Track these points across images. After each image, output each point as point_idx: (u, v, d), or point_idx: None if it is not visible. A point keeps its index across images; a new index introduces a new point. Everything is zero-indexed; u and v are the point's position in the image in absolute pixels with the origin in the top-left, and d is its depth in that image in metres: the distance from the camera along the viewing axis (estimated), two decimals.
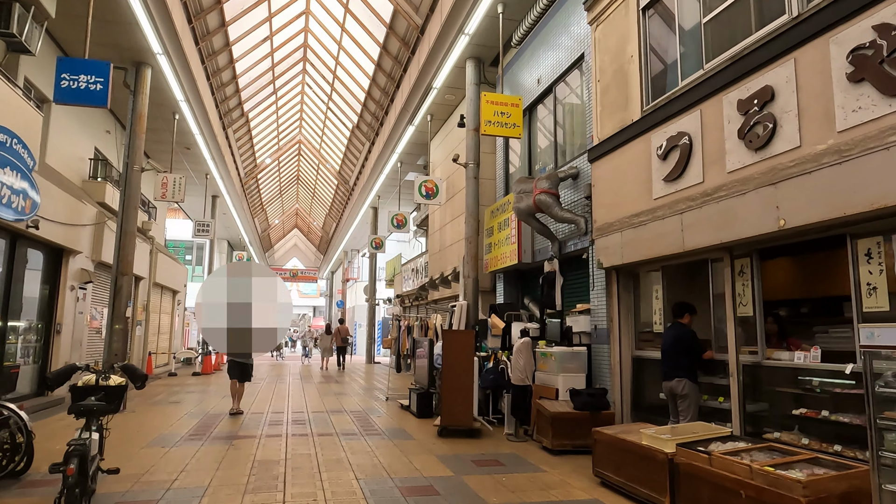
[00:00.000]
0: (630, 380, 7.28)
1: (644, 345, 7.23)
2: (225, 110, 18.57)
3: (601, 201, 7.50)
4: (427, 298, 17.14)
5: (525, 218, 8.88)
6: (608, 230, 7.26)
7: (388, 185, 21.48)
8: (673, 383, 5.85)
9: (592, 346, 7.83)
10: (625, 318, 7.41)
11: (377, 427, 8.29)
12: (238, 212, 27.26)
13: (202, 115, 15.93)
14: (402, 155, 18.28)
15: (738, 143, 5.20)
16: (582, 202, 8.35)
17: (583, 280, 8.81)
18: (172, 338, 20.90)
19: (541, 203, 8.33)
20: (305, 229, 48.32)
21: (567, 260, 9.07)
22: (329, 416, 9.20)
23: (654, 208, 6.36)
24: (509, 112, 9.75)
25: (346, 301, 39.55)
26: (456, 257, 14.00)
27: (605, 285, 7.62)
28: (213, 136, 17.54)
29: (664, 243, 6.16)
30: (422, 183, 14.18)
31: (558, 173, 8.57)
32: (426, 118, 15.25)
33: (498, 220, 10.97)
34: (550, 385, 7.57)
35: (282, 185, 33.81)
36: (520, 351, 7.58)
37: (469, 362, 7.73)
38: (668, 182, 6.15)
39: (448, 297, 14.29)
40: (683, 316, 6.03)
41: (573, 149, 9.13)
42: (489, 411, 8.75)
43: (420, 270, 18.18)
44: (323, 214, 38.32)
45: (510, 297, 11.45)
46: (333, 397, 11.83)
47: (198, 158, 18.73)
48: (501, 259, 10.63)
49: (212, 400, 11.10)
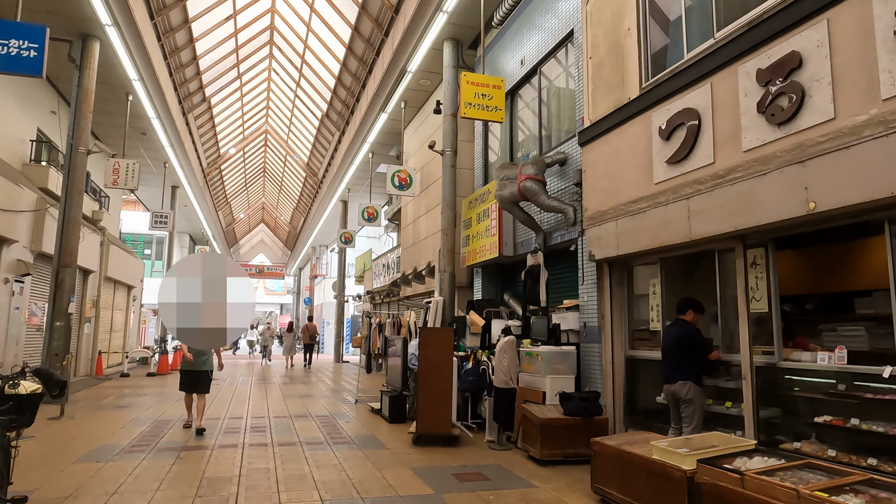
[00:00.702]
0: (623, 382, 6.70)
1: (639, 344, 6.66)
2: (184, 94, 17.47)
3: (593, 188, 6.89)
4: (399, 295, 16.39)
5: (508, 207, 8.23)
6: (601, 219, 6.66)
7: (359, 178, 20.65)
8: (676, 387, 5.27)
9: (581, 346, 7.23)
10: (618, 316, 6.83)
11: (346, 434, 7.54)
12: (200, 204, 26.01)
13: (158, 97, 14.85)
14: (373, 145, 17.48)
15: (757, 118, 4.62)
16: (570, 190, 7.74)
17: (570, 274, 8.22)
18: (127, 336, 19.66)
19: (526, 190, 7.69)
20: (272, 224, 46.95)
21: (553, 253, 8.46)
22: (292, 422, 8.40)
23: (655, 194, 5.77)
24: (491, 94, 9.08)
25: (314, 298, 38.45)
26: (430, 251, 13.30)
27: (595, 279, 7.03)
28: (172, 121, 16.44)
29: (667, 232, 5.57)
30: (395, 173, 13.43)
31: (545, 159, 7.94)
32: (400, 105, 14.49)
33: (477, 210, 10.30)
34: (536, 388, 6.93)
35: (247, 177, 32.56)
36: (503, 350, 6.93)
37: (448, 363, 7.05)
38: (672, 164, 5.57)
39: (422, 294, 13.59)
40: (687, 313, 5.46)
41: (560, 134, 8.52)
42: (468, 416, 8.09)
43: (392, 266, 17.42)
44: (290, 209, 37.16)
45: (489, 292, 10.80)
46: (298, 400, 11.00)
47: (155, 145, 17.58)
48: (480, 252, 9.97)
49: (164, 404, 10.16)
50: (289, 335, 19.78)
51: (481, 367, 7.64)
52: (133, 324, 20.73)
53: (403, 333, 10.75)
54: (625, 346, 6.75)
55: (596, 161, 6.88)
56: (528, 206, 8.63)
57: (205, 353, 7.62)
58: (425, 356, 7.07)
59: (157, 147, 17.71)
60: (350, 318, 29.56)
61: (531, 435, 6.30)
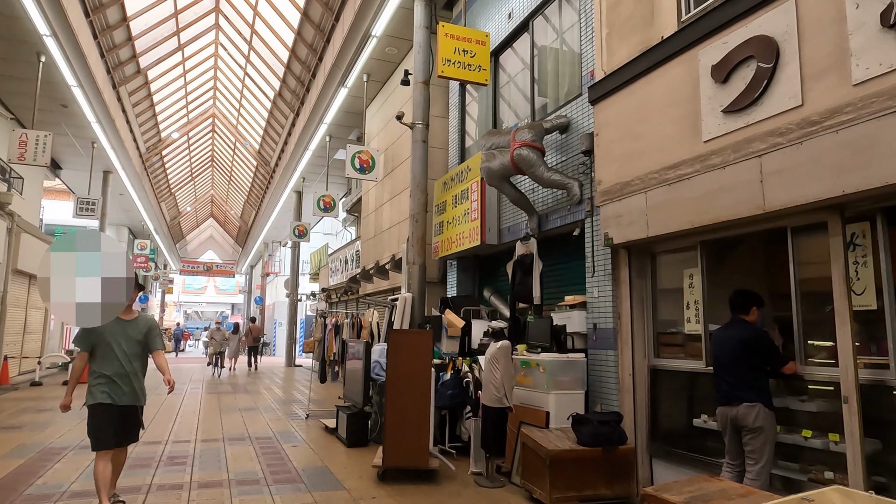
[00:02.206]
0: (647, 399, 5.31)
1: (666, 351, 5.28)
2: (114, 63, 15.32)
3: (609, 154, 5.48)
4: (358, 292, 14.73)
5: (496, 182, 6.75)
6: (621, 193, 5.25)
7: (315, 165, 18.86)
8: (740, 410, 3.90)
9: (589, 353, 5.81)
10: (639, 315, 5.43)
11: (291, 467, 5.90)
12: (138, 193, 23.61)
13: (79, 61, 12.75)
14: (331, 127, 15.76)
15: (879, 34, 3.27)
16: (574, 163, 6.32)
17: (571, 265, 6.81)
18: (46, 339, 17.31)
19: (521, 160, 6.23)
20: (222, 219, 44.29)
21: (549, 239, 7.04)
22: (225, 448, 6.70)
23: (705, 154, 4.39)
24: (474, 50, 7.61)
25: (266, 297, 36.24)
26: (395, 242, 11.73)
27: (610, 270, 5.62)
28: (98, 92, 14.29)
29: (724, 203, 4.19)
30: (355, 154, 11.80)
31: (543, 123, 6.50)
32: (362, 78, 12.86)
33: (453, 192, 8.80)
34: (536, 406, 5.47)
35: (193, 166, 30.14)
36: (495, 359, 5.43)
37: (425, 375, 5.51)
38: (731, 114, 4.19)
39: (385, 291, 12.00)
40: (750, 311, 4.10)
41: (558, 97, 7.09)
42: (445, 438, 6.57)
43: (350, 260, 15.74)
44: (241, 202, 34.80)
45: (465, 288, 9.31)
46: (237, 415, 9.25)
47: (79, 120, 15.36)
48: (457, 241, 8.47)
49: (66, 423, 8.25)
50: (233, 337, 17.94)
51: (464, 379, 6.13)
52: (54, 325, 18.35)
53: (365, 336, 9.15)
54: (648, 354, 5.37)
55: (613, 120, 5.47)
56: (521, 182, 7.19)
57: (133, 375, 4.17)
58: (395, 366, 5.51)
59: (83, 123, 15.49)
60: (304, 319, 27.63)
61: (535, 470, 4.82)
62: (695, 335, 4.89)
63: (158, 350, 4.33)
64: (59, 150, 18.17)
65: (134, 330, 4.23)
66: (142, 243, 29.95)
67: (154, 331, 4.35)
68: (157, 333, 4.36)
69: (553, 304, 6.82)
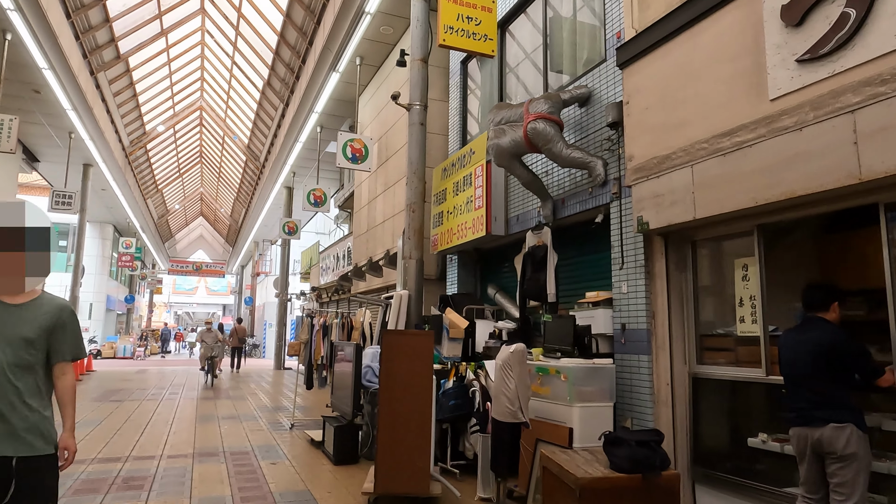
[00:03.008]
0: (689, 414, 4.49)
1: (712, 357, 4.47)
2: (91, 46, 14.41)
3: (642, 124, 4.66)
4: (350, 291, 13.87)
5: (506, 162, 5.92)
6: (659, 168, 4.43)
7: (306, 159, 18.00)
8: (825, 433, 3.09)
9: (616, 358, 4.99)
10: (677, 314, 4.62)
11: (267, 490, 5.04)
12: (122, 188, 22.64)
13: (50, 42, 11.84)
14: (322, 117, 14.91)
15: None
16: (598, 139, 5.50)
17: (591, 256, 5.99)
18: None
19: (536, 135, 5.40)
20: (212, 218, 43.30)
21: (565, 228, 6.23)
22: (193, 466, 5.83)
23: (772, 115, 3.57)
24: (479, 17, 6.78)
25: (256, 298, 35.30)
26: (389, 237, 10.88)
27: (643, 261, 4.80)
28: (72, 76, 13.37)
29: (802, 173, 3.37)
30: (347, 142, 10.93)
31: (560, 94, 5.68)
32: (354, 62, 12.02)
33: (454, 179, 7.96)
34: (556, 421, 4.64)
35: (181, 162, 29.17)
36: (508, 366, 4.59)
37: (425, 384, 4.66)
38: (808, 63, 3.38)
39: (378, 289, 11.14)
40: (829, 307, 3.29)
41: (575, 69, 6.27)
42: (446, 456, 5.73)
43: (342, 257, 14.88)
44: (231, 200, 33.85)
45: (467, 285, 8.48)
46: (214, 425, 8.37)
47: (55, 108, 14.44)
48: (459, 232, 7.63)
49: None
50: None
51: (471, 388, 5.30)
52: None
53: (356, 338, 8.29)
54: (689, 360, 4.55)
55: (647, 85, 4.66)
56: (534, 163, 6.37)
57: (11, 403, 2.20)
58: (390, 373, 4.66)
59: (57, 111, 14.57)
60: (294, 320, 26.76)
61: (559, 500, 3.99)
62: (750, 338, 4.07)
63: (66, 362, 2.35)
64: (35, 142, 17.25)
65: (24, 321, 2.27)
66: (127, 241, 28.92)
67: (66, 327, 2.36)
68: (71, 331, 2.38)
69: (570, 303, 6.00)
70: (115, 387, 13.44)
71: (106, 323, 31.73)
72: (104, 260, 30.42)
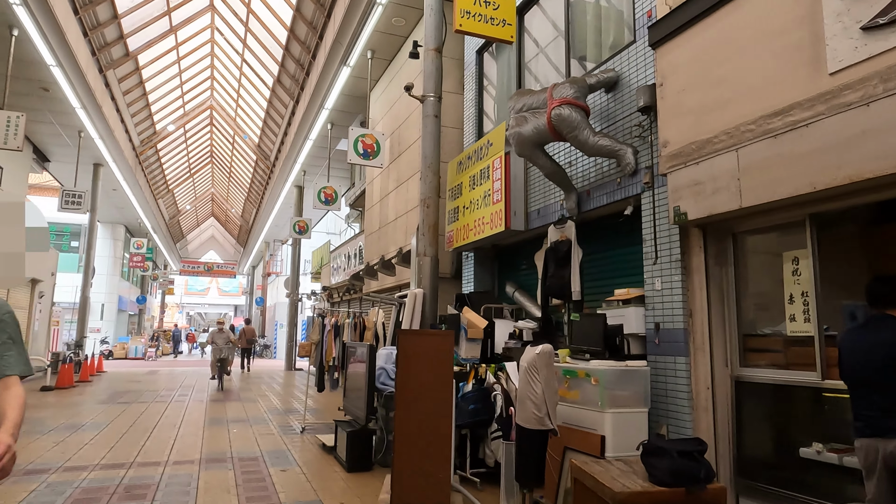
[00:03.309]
0: (731, 421, 4.13)
1: (757, 358, 4.11)
2: (99, 44, 14.24)
3: (680, 107, 4.31)
4: (362, 290, 13.59)
5: (529, 151, 5.57)
6: (699, 154, 4.08)
7: (316, 157, 17.77)
8: None
9: (649, 359, 4.64)
10: (717, 312, 4.26)
11: (276, 500, 4.74)
12: (132, 188, 22.54)
13: (57, 38, 11.67)
14: (333, 113, 14.64)
15: None
16: (627, 125, 5.15)
17: (618, 252, 5.64)
18: (30, 341, 16.22)
19: (561, 121, 5.05)
20: (223, 218, 43.28)
21: (589, 222, 5.89)
22: (199, 474, 5.55)
23: (832, 91, 3.22)
24: (497, 2, 6.44)
25: (267, 298, 35.20)
26: (402, 235, 10.58)
27: (678, 255, 4.45)
28: (81, 74, 13.20)
29: (871, 153, 3.01)
30: (358, 137, 10.63)
31: (587, 78, 5.33)
32: (366, 56, 11.73)
33: (470, 172, 7.63)
34: (587, 428, 4.30)
35: (191, 162, 29.08)
36: (534, 368, 4.25)
37: (446, 387, 4.34)
38: (875, 30, 3.02)
39: (391, 288, 10.84)
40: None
41: (600, 53, 5.93)
42: (465, 464, 5.40)
43: (354, 256, 14.61)
44: (241, 200, 33.74)
45: (483, 283, 8.15)
46: (223, 429, 8.10)
47: (64, 107, 14.29)
48: (476, 228, 7.30)
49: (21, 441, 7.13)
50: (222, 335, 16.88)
51: (492, 392, 4.97)
52: (39, 326, 17.27)
53: (369, 339, 7.99)
54: (731, 362, 4.19)
55: (684, 64, 4.30)
56: (557, 153, 6.03)
57: None
58: (406, 376, 4.34)
59: (67, 109, 14.42)
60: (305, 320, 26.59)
61: None
62: (803, 338, 3.71)
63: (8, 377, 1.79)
64: (45, 141, 17.14)
65: None
66: (138, 241, 28.89)
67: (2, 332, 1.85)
68: (10, 337, 1.86)
69: (595, 301, 5.66)
70: (123, 388, 13.25)
71: (118, 323, 31.73)
72: (116, 261, 30.40)
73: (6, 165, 14.84)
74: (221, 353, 13.62)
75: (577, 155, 5.79)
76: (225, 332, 14.11)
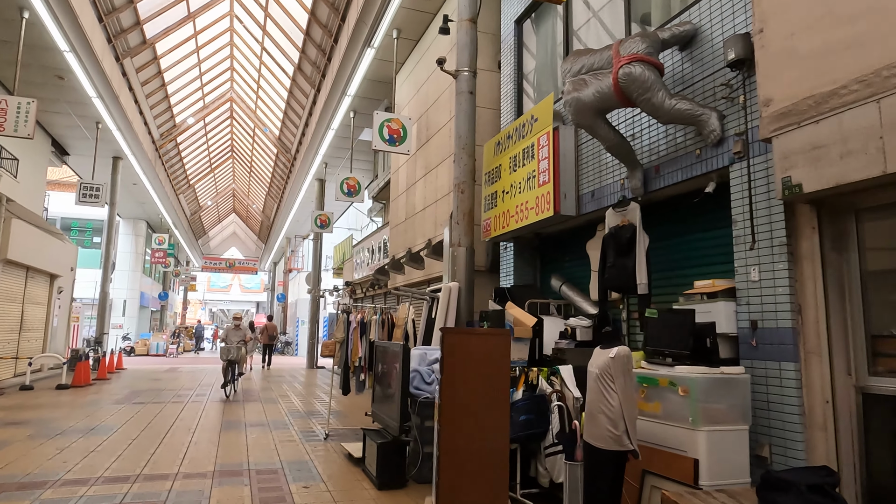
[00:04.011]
0: (857, 442, 3.33)
1: (888, 364, 3.30)
2: (115, 30, 13.77)
3: (790, 54, 3.51)
4: (386, 286, 12.92)
5: (589, 120, 4.79)
6: (818, 111, 3.27)
7: (338, 148, 17.15)
8: None
9: (744, 365, 3.84)
10: (836, 308, 3.46)
11: None
12: (153, 182, 22.20)
13: (70, 22, 11.17)
14: (356, 100, 13.98)
15: None
16: (708, 86, 4.35)
17: (693, 238, 4.85)
18: (48, 337, 15.88)
19: (632, 81, 4.27)
20: (244, 214, 43.06)
21: (655, 204, 5.10)
22: (211, 490, 4.90)
23: None
24: None
25: (289, 295, 34.79)
26: (431, 224, 9.87)
27: (783, 239, 3.65)
28: (96, 61, 12.72)
29: None
30: (384, 122, 9.94)
31: (659, 32, 4.54)
32: (391, 35, 11.02)
33: (511, 153, 6.87)
34: (673, 449, 3.53)
35: (212, 156, 28.73)
36: (607, 376, 3.49)
37: (501, 395, 3.61)
38: None
39: (420, 282, 10.14)
40: None
41: (668, 7, 5.12)
42: (515, 482, 4.66)
43: (378, 250, 13.95)
44: (262, 195, 33.37)
45: (524, 276, 7.39)
46: (240, 434, 7.47)
47: (80, 96, 13.86)
48: (518, 214, 6.54)
49: (24, 446, 6.57)
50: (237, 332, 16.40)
51: (553, 402, 4.22)
52: (59, 322, 16.93)
53: (398, 337, 7.29)
54: (854, 369, 3.39)
55: (792, 3, 3.50)
56: (617, 123, 5.25)
57: None
58: (454, 383, 3.62)
59: (83, 99, 13.99)
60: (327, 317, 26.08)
61: None
62: None
63: None
64: (63, 133, 16.79)
65: None
66: (160, 237, 28.62)
67: None
68: None
69: (662, 295, 4.88)
70: (141, 387, 12.77)
71: (140, 320, 31.59)
72: (137, 256, 30.23)
73: (24, 158, 14.46)
74: (230, 354, 11.25)
75: (642, 125, 5.00)
76: (242, 328, 12.16)
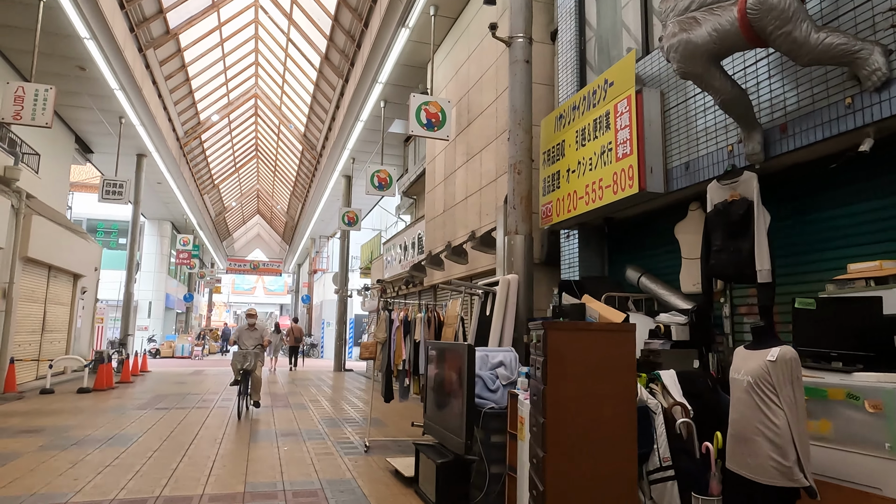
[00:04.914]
0: None
1: None
2: (137, 18, 13.22)
3: None
4: (423, 283, 12.11)
5: (701, 69, 3.87)
6: None
7: (367, 141, 16.42)
8: None
9: None
10: None
11: None
12: (177, 181, 21.76)
13: (90, 7, 10.61)
14: (387, 88, 13.23)
15: None
16: (858, 18, 3.45)
17: (837, 213, 3.93)
18: (72, 339, 15.41)
19: (767, 11, 3.36)
20: (268, 216, 42.76)
21: (775, 174, 4.19)
22: None
23: None
24: None
25: (314, 296, 34.26)
26: (475, 214, 9.03)
27: None
28: (118, 50, 12.17)
29: None
30: (421, 105, 9.12)
31: None
32: (428, 13, 10.22)
33: (577, 125, 5.99)
34: (859, 486, 2.63)
35: (236, 156, 28.31)
36: (766, 385, 2.60)
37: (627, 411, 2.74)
38: None
39: (462, 278, 9.29)
40: None
41: None
42: None
43: (411, 246, 13.16)
44: (287, 196, 32.90)
45: (590, 267, 6.51)
46: (270, 445, 6.71)
47: (102, 89, 13.35)
48: (590, 195, 5.65)
49: (34, 458, 5.88)
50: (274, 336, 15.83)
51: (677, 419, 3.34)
52: (82, 323, 16.48)
53: (448, 337, 6.45)
54: None
55: None
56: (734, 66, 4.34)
57: None
58: (558, 395, 2.76)
59: (105, 91, 13.47)
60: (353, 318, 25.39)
61: None
62: None
63: None
64: (86, 129, 16.37)
65: None
66: (184, 238, 28.28)
67: None
68: None
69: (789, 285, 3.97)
70: (165, 391, 12.14)
71: (165, 321, 31.32)
72: (163, 258, 29.94)
73: (46, 153, 14.02)
74: (245, 362, 8.85)
75: (758, 76, 4.10)
76: (259, 328, 9.54)
